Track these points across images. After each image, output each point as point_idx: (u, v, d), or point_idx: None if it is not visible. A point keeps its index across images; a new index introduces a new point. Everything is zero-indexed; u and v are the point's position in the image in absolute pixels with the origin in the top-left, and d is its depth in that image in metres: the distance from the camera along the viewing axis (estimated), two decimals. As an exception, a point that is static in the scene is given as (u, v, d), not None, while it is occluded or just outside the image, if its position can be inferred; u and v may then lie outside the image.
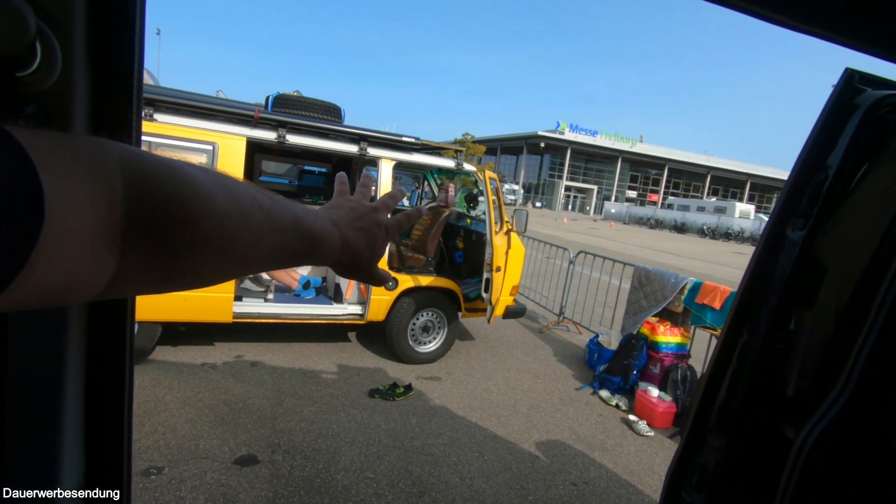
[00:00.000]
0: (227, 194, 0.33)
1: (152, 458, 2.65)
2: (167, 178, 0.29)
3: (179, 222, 0.29)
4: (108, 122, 0.46)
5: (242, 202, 0.34)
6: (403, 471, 2.85)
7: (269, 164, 5.41)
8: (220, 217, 0.32)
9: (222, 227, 0.32)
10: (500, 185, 4.68)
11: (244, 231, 0.34)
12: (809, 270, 1.00)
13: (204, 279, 0.35)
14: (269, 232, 0.37)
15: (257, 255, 0.37)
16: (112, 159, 0.26)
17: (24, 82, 0.37)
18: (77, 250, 0.24)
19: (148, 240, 0.28)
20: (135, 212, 0.27)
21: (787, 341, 1.08)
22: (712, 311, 4.18)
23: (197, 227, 0.30)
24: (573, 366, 5.00)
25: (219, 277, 0.36)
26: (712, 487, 1.12)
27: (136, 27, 0.45)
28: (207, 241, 0.31)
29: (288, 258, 0.40)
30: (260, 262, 0.38)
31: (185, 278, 0.33)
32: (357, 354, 4.58)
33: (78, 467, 0.54)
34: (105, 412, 0.55)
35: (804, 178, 0.99)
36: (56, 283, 0.24)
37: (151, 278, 0.31)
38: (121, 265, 0.27)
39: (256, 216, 0.35)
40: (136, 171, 0.27)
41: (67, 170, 0.23)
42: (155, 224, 0.28)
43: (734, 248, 26.26)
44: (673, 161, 59.10)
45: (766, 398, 1.09)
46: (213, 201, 0.31)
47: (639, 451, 3.45)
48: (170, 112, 3.54)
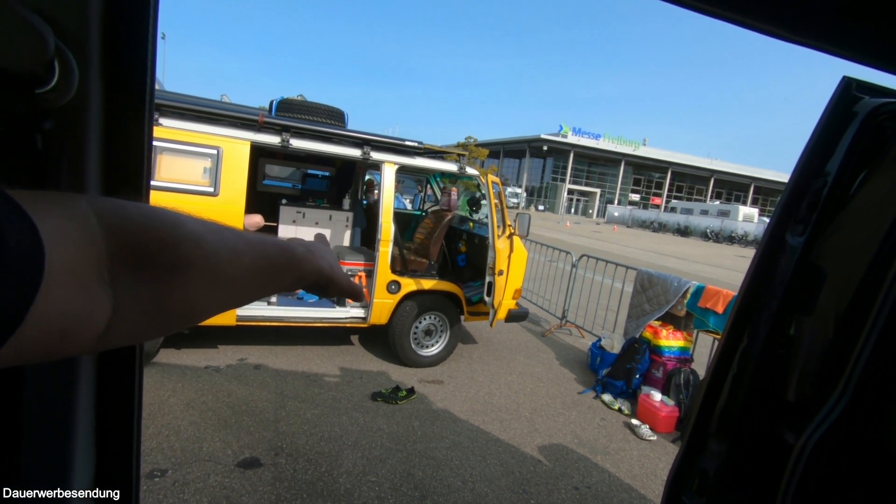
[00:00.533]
0: (195, 221, 0.35)
1: (156, 460, 2.67)
2: (136, 211, 0.31)
3: (158, 248, 0.31)
4: (122, 135, 0.48)
5: (211, 225, 0.36)
6: (406, 474, 2.85)
7: (272, 168, 5.44)
8: (195, 238, 0.34)
9: (200, 248, 0.34)
10: (502, 189, 4.69)
11: (221, 250, 0.36)
12: (809, 276, 1.01)
13: (197, 310, 0.36)
14: (244, 249, 0.38)
15: (241, 273, 0.38)
16: (81, 202, 0.28)
17: (43, 98, 0.39)
18: (72, 286, 0.26)
19: (134, 269, 0.30)
20: (115, 245, 0.29)
21: (787, 346, 1.08)
22: (715, 315, 4.17)
23: (176, 250, 0.32)
24: (576, 370, 5.00)
25: (211, 305, 0.37)
26: (713, 492, 1.12)
27: (149, 44, 0.46)
28: (190, 264, 0.33)
29: (271, 273, 0.41)
30: (246, 282, 0.39)
31: (179, 311, 0.34)
32: (360, 358, 4.59)
33: (89, 468, 0.55)
34: (115, 415, 0.57)
35: (803, 185, 1.00)
36: (57, 322, 0.26)
37: (147, 315, 0.32)
38: (115, 302, 0.29)
39: (228, 236, 0.37)
40: (107, 211, 0.29)
41: (50, 215, 0.25)
42: (136, 253, 0.30)
43: (738, 252, 26.18)
44: (676, 164, 59.01)
45: (767, 403, 1.10)
46: (185, 226, 0.33)
47: (641, 456, 3.45)
48: (175, 116, 3.58)
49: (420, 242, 5.09)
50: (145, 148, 0.49)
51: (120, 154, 0.48)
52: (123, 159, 0.48)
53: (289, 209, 4.96)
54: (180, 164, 3.59)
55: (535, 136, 52.86)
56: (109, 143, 0.47)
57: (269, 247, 0.41)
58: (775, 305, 1.05)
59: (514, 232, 4.62)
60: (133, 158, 0.48)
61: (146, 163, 0.49)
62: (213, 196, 3.65)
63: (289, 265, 0.43)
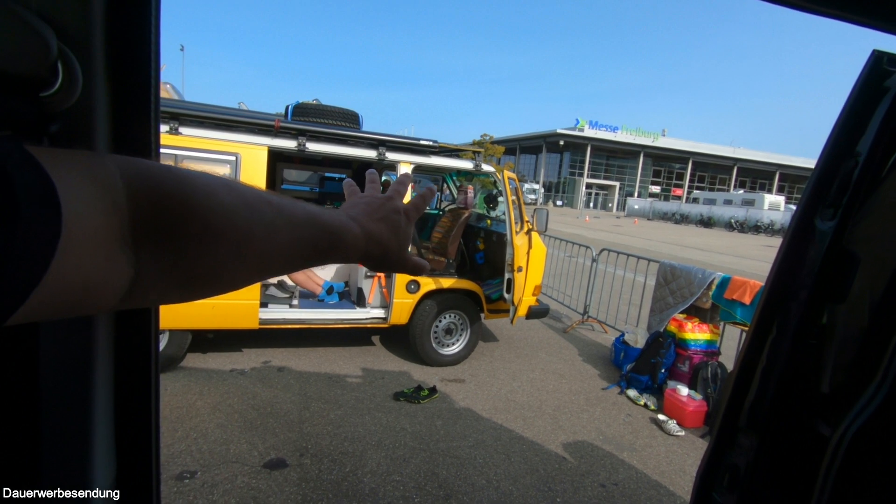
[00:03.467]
0: (229, 190, 0.33)
1: (185, 462, 2.72)
2: (166, 177, 0.30)
3: (185, 216, 0.30)
4: (128, 137, 0.48)
5: (248, 197, 0.35)
6: (430, 473, 2.85)
7: (290, 173, 5.50)
8: (226, 210, 0.32)
9: (230, 221, 0.32)
10: (519, 185, 4.66)
11: (254, 225, 0.34)
12: (841, 262, 0.96)
13: (225, 281, 0.34)
14: (283, 226, 0.36)
15: (275, 251, 0.36)
16: (110, 166, 0.27)
17: (48, 102, 0.39)
18: (92, 251, 0.25)
19: (158, 237, 0.29)
20: (140, 211, 0.28)
21: (819, 336, 1.04)
22: (742, 307, 4.07)
23: (204, 220, 0.31)
24: (599, 365, 4.93)
25: (240, 278, 0.35)
26: (745, 488, 1.09)
27: (152, 45, 0.46)
28: (218, 236, 0.31)
29: (310, 253, 0.40)
30: (281, 259, 0.37)
31: (206, 280, 0.33)
32: (381, 358, 4.61)
33: (110, 469, 0.56)
34: (134, 416, 0.57)
35: (832, 167, 0.96)
36: (78, 284, 0.25)
37: (171, 281, 0.31)
38: (138, 267, 0.28)
39: (265, 210, 0.35)
40: (135, 174, 0.28)
41: (73, 178, 0.24)
42: (162, 220, 0.29)
43: (764, 242, 25.50)
44: (697, 154, 57.82)
45: (799, 395, 1.06)
46: (216, 196, 0.32)
47: (669, 452, 3.38)
48: (194, 125, 3.64)
49: (438, 241, 5.09)
50: (153, 148, 0.49)
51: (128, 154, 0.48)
52: None
53: (307, 212, 5.00)
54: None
55: (551, 131, 52.41)
56: (116, 144, 0.47)
57: (314, 229, 0.39)
58: (806, 294, 1.01)
59: (532, 228, 4.58)
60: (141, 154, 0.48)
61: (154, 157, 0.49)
62: (233, 202, 3.70)
63: (332, 250, 0.41)
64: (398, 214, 0.51)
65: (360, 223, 0.45)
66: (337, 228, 0.42)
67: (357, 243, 0.44)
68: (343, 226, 0.43)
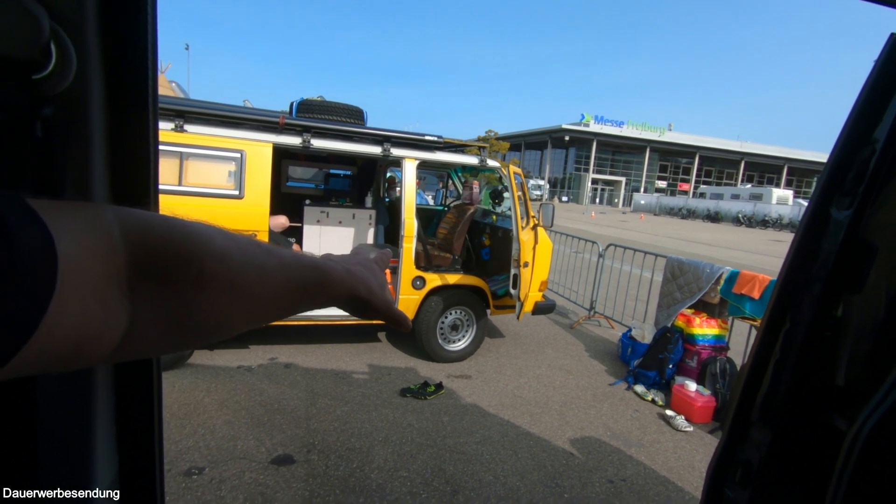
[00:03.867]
0: (224, 236, 0.34)
1: (193, 458, 2.73)
2: (162, 224, 0.31)
3: (181, 262, 0.30)
4: (125, 120, 0.47)
5: (241, 241, 0.36)
6: (437, 469, 2.84)
7: (295, 170, 5.50)
8: (220, 255, 0.33)
9: (224, 264, 0.33)
10: (524, 180, 4.63)
11: (248, 267, 0.35)
12: (857, 252, 0.94)
13: (220, 326, 0.35)
14: (274, 267, 0.37)
15: (268, 294, 0.37)
16: (108, 214, 0.28)
17: (41, 85, 0.38)
18: (87, 297, 0.26)
19: (154, 283, 0.30)
20: (136, 258, 0.28)
21: (834, 328, 1.02)
22: (751, 301, 4.02)
23: (200, 265, 0.31)
24: (606, 361, 4.90)
25: (236, 323, 0.36)
26: (758, 483, 1.07)
27: (149, 25, 0.45)
28: (213, 280, 0.32)
29: (301, 294, 0.40)
30: (274, 302, 0.38)
31: (201, 326, 0.33)
32: (387, 354, 4.61)
33: (111, 468, 0.55)
34: (136, 412, 0.56)
35: (848, 154, 0.93)
36: (73, 332, 0.25)
37: (167, 328, 0.31)
38: (134, 315, 0.29)
39: (256, 253, 0.36)
40: (131, 222, 0.29)
41: (71, 227, 0.25)
42: (158, 266, 0.30)
43: (772, 236, 25.28)
44: (704, 149, 57.35)
45: (813, 388, 1.04)
46: (211, 241, 0.33)
47: (677, 448, 3.35)
48: (199, 123, 3.64)
49: (443, 237, 5.07)
50: (150, 133, 0.47)
51: (124, 139, 0.47)
52: (128, 145, 0.47)
53: (313, 209, 5.01)
54: (206, 169, 3.66)
55: (557, 127, 52.15)
56: (113, 128, 0.45)
57: (302, 268, 0.40)
58: (820, 285, 0.98)
59: (538, 223, 4.55)
60: (138, 144, 0.47)
61: (152, 148, 0.48)
62: (239, 199, 3.71)
63: (321, 287, 0.42)
64: (369, 261, 0.53)
65: (340, 264, 0.47)
66: (322, 266, 0.43)
67: (343, 280, 0.45)
68: (327, 265, 0.44)
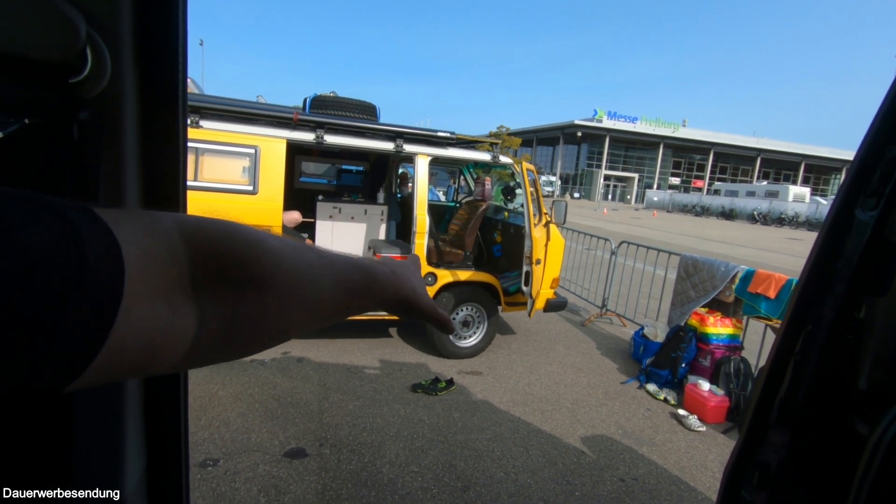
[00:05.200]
0: (275, 238, 0.35)
1: (208, 450, 2.78)
2: (219, 228, 0.32)
3: (241, 263, 0.32)
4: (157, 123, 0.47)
5: (291, 243, 0.36)
6: (448, 465, 2.86)
7: (308, 166, 5.52)
8: (275, 255, 0.34)
9: (280, 266, 0.34)
10: (537, 177, 4.60)
11: (300, 267, 0.36)
12: (883, 253, 0.92)
13: (282, 330, 0.36)
14: (325, 267, 0.38)
15: (322, 295, 0.38)
16: (167, 220, 0.29)
17: (77, 88, 0.39)
18: (156, 302, 0.26)
19: (217, 285, 0.30)
20: (198, 261, 0.29)
21: (857, 331, 1.00)
22: (767, 301, 3.97)
23: (258, 266, 0.32)
24: (618, 359, 4.88)
25: (295, 326, 0.36)
26: (775, 486, 1.06)
27: (180, 31, 0.45)
28: (271, 279, 0.33)
29: (351, 295, 0.41)
30: (327, 304, 0.39)
31: (264, 329, 0.34)
32: (399, 350, 4.63)
33: (140, 462, 0.56)
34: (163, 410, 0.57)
35: (875, 153, 0.91)
36: (144, 339, 0.26)
37: (233, 331, 0.32)
38: (201, 317, 0.29)
39: (307, 254, 0.37)
40: (191, 227, 0.30)
41: (133, 233, 0.26)
42: (219, 269, 0.30)
43: (788, 234, 24.88)
44: (719, 145, 56.54)
45: (834, 391, 1.02)
46: (265, 242, 0.34)
47: (690, 447, 3.33)
48: (214, 119, 3.68)
49: (455, 234, 5.07)
50: (180, 135, 0.48)
51: (155, 140, 0.47)
52: (159, 147, 0.48)
53: (325, 205, 5.04)
54: (221, 165, 3.69)
55: (569, 123, 51.75)
56: (144, 129, 0.46)
57: (351, 270, 0.41)
58: (843, 286, 0.97)
59: (550, 220, 4.52)
60: (168, 145, 0.48)
61: (182, 150, 0.49)
62: (253, 194, 3.74)
63: (370, 289, 0.43)
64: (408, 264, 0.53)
65: (387, 266, 0.47)
66: (369, 267, 0.44)
67: (391, 282, 0.45)
68: (373, 266, 0.45)
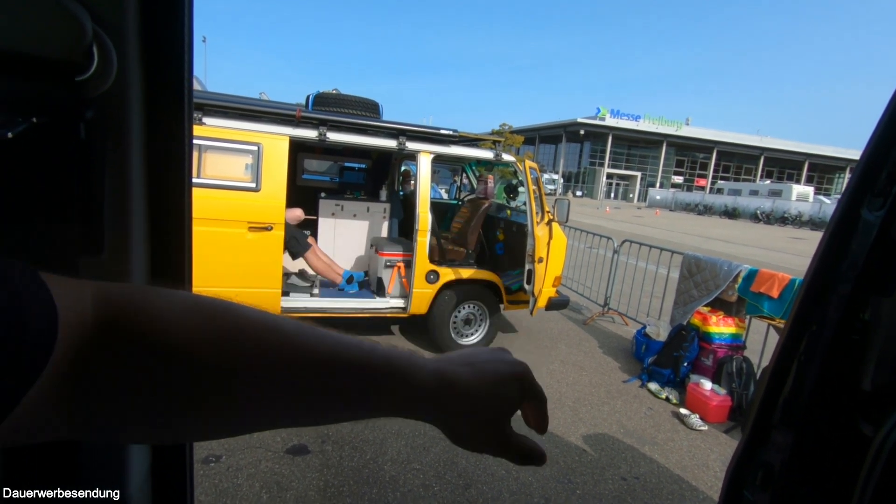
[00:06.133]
0: (206, 319, 0.32)
1: (210, 447, 2.79)
2: (130, 297, 0.30)
3: (137, 335, 0.29)
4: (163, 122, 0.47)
5: (241, 322, 0.33)
6: (449, 462, 2.86)
7: (311, 163, 5.52)
8: (186, 333, 0.30)
9: (190, 347, 0.30)
10: (540, 175, 4.60)
11: (232, 355, 0.31)
12: (888, 254, 0.92)
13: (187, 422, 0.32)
14: (286, 360, 0.32)
15: (274, 395, 0.32)
16: (87, 290, 0.29)
17: (83, 87, 0.38)
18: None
19: (112, 356, 0.28)
20: (98, 330, 0.28)
21: (862, 331, 1.00)
22: (770, 300, 3.96)
23: (157, 339, 0.29)
24: (620, 358, 4.87)
25: (211, 427, 0.33)
26: (778, 486, 1.05)
27: (185, 29, 0.45)
28: (172, 359, 0.29)
29: (340, 398, 0.34)
30: (284, 406, 0.33)
31: (166, 416, 0.30)
32: (400, 347, 4.63)
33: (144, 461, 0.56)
34: None
35: (882, 153, 0.91)
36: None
37: (124, 413, 0.29)
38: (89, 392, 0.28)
39: (268, 339, 0.33)
40: (102, 297, 0.29)
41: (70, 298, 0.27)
42: (115, 339, 0.28)
43: (791, 234, 24.80)
44: (722, 143, 56.38)
45: (839, 392, 1.02)
46: (181, 318, 0.31)
47: (692, 446, 3.33)
48: (217, 115, 3.68)
49: (457, 231, 5.07)
50: (186, 134, 0.48)
51: (160, 139, 0.47)
52: (165, 146, 0.48)
53: (327, 202, 5.04)
54: (224, 162, 3.69)
55: (572, 121, 51.66)
56: (151, 129, 0.46)
57: (337, 363, 0.34)
58: (849, 286, 0.96)
59: (552, 218, 4.52)
60: (175, 144, 0.48)
61: (188, 149, 0.49)
62: (256, 192, 3.74)
63: (364, 393, 0.35)
64: (509, 370, 0.38)
65: (438, 362, 0.35)
66: (395, 357, 0.34)
67: (422, 385, 0.34)
68: (404, 356, 0.34)
